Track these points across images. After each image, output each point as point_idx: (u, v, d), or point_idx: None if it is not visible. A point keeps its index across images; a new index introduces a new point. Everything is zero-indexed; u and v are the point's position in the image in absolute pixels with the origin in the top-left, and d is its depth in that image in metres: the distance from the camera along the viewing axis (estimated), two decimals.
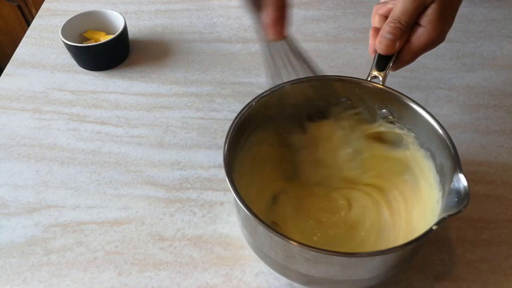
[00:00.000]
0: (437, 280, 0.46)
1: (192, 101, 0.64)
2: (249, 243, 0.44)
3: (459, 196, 0.37)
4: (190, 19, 0.78)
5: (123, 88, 0.67)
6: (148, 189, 0.54)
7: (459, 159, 0.39)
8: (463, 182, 0.37)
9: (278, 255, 0.39)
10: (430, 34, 0.45)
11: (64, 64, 0.71)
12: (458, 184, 0.38)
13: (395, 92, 0.45)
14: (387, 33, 0.45)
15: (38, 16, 0.80)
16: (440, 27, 0.45)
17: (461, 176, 0.38)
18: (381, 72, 0.47)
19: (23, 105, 0.65)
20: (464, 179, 0.37)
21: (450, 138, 0.41)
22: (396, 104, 0.46)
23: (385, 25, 0.46)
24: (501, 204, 0.51)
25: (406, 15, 0.45)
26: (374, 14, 0.50)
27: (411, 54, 0.47)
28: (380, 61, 0.47)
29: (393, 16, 0.46)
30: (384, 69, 0.47)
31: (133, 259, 0.48)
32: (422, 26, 0.45)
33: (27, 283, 0.47)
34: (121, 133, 0.60)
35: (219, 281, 0.46)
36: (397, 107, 0.46)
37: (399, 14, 0.45)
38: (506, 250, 0.48)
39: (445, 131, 0.42)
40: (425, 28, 0.45)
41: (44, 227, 0.51)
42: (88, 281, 0.47)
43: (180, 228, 0.51)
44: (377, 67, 0.47)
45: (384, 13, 0.49)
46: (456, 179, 0.38)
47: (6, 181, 0.56)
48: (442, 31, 0.46)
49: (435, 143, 0.43)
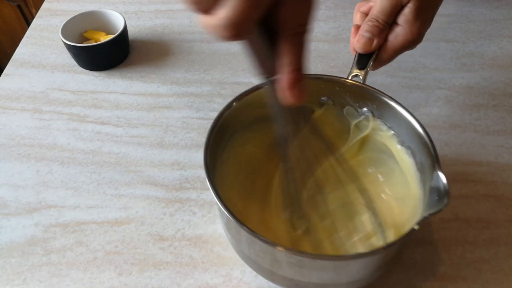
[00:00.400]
0: (437, 280, 0.46)
1: (192, 101, 0.64)
2: (233, 246, 0.44)
3: (439, 194, 0.37)
4: (190, 19, 0.78)
5: (123, 88, 0.67)
6: (148, 189, 0.54)
7: (438, 157, 0.39)
8: (443, 180, 0.37)
9: (263, 260, 0.39)
10: (407, 33, 0.45)
11: (64, 64, 0.71)
12: (438, 182, 0.38)
13: (375, 90, 0.46)
14: (365, 31, 0.46)
15: (38, 16, 0.80)
16: (416, 27, 0.45)
17: (440, 174, 0.38)
18: (362, 71, 0.47)
19: (23, 105, 0.65)
20: (444, 177, 0.37)
21: (429, 135, 0.41)
22: (376, 102, 0.46)
23: (364, 23, 0.46)
24: (501, 204, 0.51)
25: (383, 14, 0.45)
26: (356, 12, 0.50)
27: (389, 53, 0.47)
28: (360, 59, 0.47)
29: (371, 15, 0.46)
30: (365, 68, 0.47)
31: (133, 259, 0.48)
32: (400, 25, 0.46)
33: (27, 283, 0.47)
34: (121, 133, 0.60)
35: (219, 281, 0.46)
36: (377, 105, 0.46)
37: (377, 12, 0.46)
38: (506, 250, 0.48)
39: (424, 129, 0.42)
40: (402, 28, 0.45)
41: (44, 227, 0.51)
42: (88, 281, 0.47)
43: (180, 228, 0.51)
44: (357, 66, 0.47)
45: (365, 10, 0.49)
46: (436, 177, 0.38)
47: (6, 181, 0.56)
48: (419, 30, 0.46)
49: (415, 141, 0.43)
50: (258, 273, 0.44)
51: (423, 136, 0.42)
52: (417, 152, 0.43)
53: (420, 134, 0.42)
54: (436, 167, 0.38)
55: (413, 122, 0.43)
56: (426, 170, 0.41)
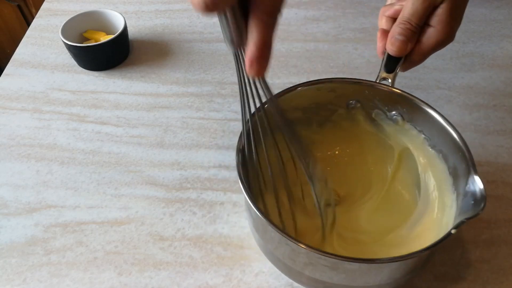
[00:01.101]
0: (437, 280, 0.46)
1: (192, 101, 0.64)
2: (260, 247, 0.44)
3: (475, 199, 0.36)
4: (190, 19, 0.78)
5: (123, 88, 0.67)
6: (148, 189, 0.54)
7: (473, 161, 0.39)
8: (479, 185, 0.37)
9: (294, 262, 0.39)
10: (440, 34, 0.45)
11: (64, 64, 0.71)
12: (474, 187, 0.37)
13: (406, 94, 0.45)
14: (398, 34, 0.45)
15: (38, 16, 0.80)
16: (450, 27, 0.45)
17: (477, 178, 0.37)
18: (390, 74, 0.47)
19: (23, 105, 0.65)
20: (480, 182, 0.37)
21: (463, 139, 0.41)
22: (406, 106, 0.46)
23: (395, 26, 0.46)
24: (501, 204, 0.51)
25: (416, 16, 0.45)
26: (381, 16, 0.50)
27: (421, 54, 0.46)
28: (389, 62, 0.47)
29: (403, 18, 0.45)
30: (393, 71, 0.47)
31: (133, 259, 0.48)
32: (432, 26, 0.45)
33: (27, 283, 0.47)
34: (121, 133, 0.60)
35: (219, 281, 0.46)
36: (408, 109, 0.46)
37: (409, 15, 0.45)
38: (506, 250, 0.48)
39: (458, 133, 0.42)
40: (435, 29, 0.45)
41: (44, 227, 0.51)
42: (88, 281, 0.47)
43: (180, 228, 0.51)
44: (386, 69, 0.47)
45: (391, 14, 0.49)
46: (472, 182, 0.37)
47: (6, 181, 0.56)
48: (452, 30, 0.45)
49: (447, 145, 0.43)
50: (284, 274, 0.44)
51: (457, 139, 0.41)
52: (449, 155, 0.43)
53: (453, 137, 0.42)
54: (472, 171, 0.38)
55: (446, 125, 0.42)
56: (459, 174, 0.41)
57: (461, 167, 0.40)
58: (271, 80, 0.67)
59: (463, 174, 0.39)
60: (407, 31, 0.45)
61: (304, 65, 0.69)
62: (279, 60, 0.70)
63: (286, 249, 0.38)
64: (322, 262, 0.36)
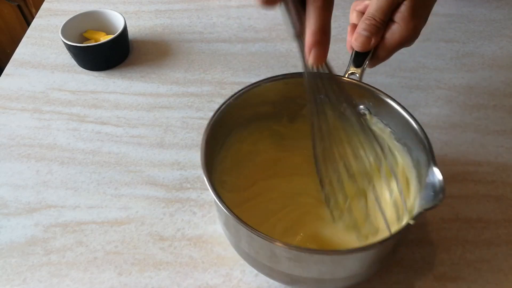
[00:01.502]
0: (437, 280, 0.46)
1: (192, 101, 0.64)
2: (231, 243, 0.44)
3: (434, 190, 0.37)
4: (190, 19, 0.78)
5: (123, 88, 0.67)
6: (148, 189, 0.54)
7: (433, 153, 0.40)
8: (438, 176, 0.37)
9: (262, 256, 0.39)
10: (403, 30, 0.45)
11: (64, 64, 0.71)
12: (433, 178, 0.38)
13: (371, 87, 0.46)
14: (362, 30, 0.46)
15: (38, 16, 0.80)
16: (413, 24, 0.45)
17: (436, 169, 0.38)
18: (358, 69, 0.47)
19: (23, 105, 0.65)
20: (439, 173, 0.37)
21: (424, 132, 0.42)
22: (372, 100, 0.46)
23: (361, 22, 0.46)
24: (501, 204, 0.51)
25: (380, 12, 0.45)
26: (352, 10, 0.50)
27: (386, 50, 0.47)
28: (357, 57, 0.48)
29: (368, 13, 0.46)
30: (361, 66, 0.47)
31: (133, 259, 0.48)
32: (396, 22, 0.46)
33: (27, 283, 0.47)
34: (121, 133, 0.60)
35: (219, 281, 0.46)
36: (374, 102, 0.47)
37: (373, 11, 0.46)
38: (506, 250, 0.48)
39: (419, 126, 0.42)
40: (398, 25, 0.45)
41: (44, 227, 0.51)
42: (88, 281, 0.47)
43: (180, 228, 0.51)
44: (354, 64, 0.48)
45: (361, 9, 0.49)
46: (431, 173, 0.38)
47: (6, 181, 0.56)
48: (415, 27, 0.46)
49: (410, 138, 0.43)
50: (257, 270, 0.44)
51: (419, 132, 0.42)
52: (413, 148, 0.44)
53: (416, 130, 0.42)
54: (431, 163, 0.39)
55: (409, 119, 0.43)
56: (422, 166, 0.41)
57: (422, 159, 0.41)
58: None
59: (425, 166, 0.40)
60: (371, 27, 0.45)
61: None
62: (279, 60, 0.70)
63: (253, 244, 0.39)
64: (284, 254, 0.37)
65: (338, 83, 0.45)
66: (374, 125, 0.48)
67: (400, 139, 0.46)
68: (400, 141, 0.46)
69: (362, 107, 0.48)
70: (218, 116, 0.44)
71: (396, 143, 0.47)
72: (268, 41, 0.73)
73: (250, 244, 0.39)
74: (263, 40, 0.73)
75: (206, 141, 0.42)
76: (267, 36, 0.74)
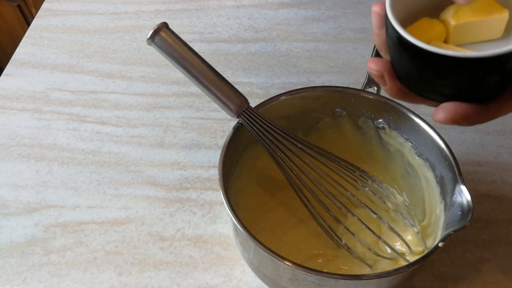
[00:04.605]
0: (437, 280, 0.46)
1: (192, 101, 0.64)
2: (246, 261, 0.44)
3: (462, 210, 0.36)
4: (190, 19, 0.78)
5: (123, 88, 0.67)
6: (148, 189, 0.54)
7: (460, 170, 0.38)
8: (466, 196, 0.36)
9: (281, 278, 0.38)
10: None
11: (64, 64, 0.71)
12: (461, 198, 0.36)
13: (391, 101, 0.45)
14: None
15: (38, 16, 0.80)
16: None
17: (463, 188, 0.37)
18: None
19: (23, 105, 0.65)
20: (467, 192, 0.36)
21: (449, 148, 0.40)
22: (392, 114, 0.45)
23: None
24: (501, 204, 0.51)
25: None
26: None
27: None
28: None
29: None
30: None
31: (133, 259, 0.48)
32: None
33: (27, 283, 0.47)
34: (121, 133, 0.61)
35: (219, 281, 0.46)
36: (394, 116, 0.45)
37: None
38: (506, 250, 0.48)
39: (444, 141, 0.41)
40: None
41: (44, 227, 0.51)
42: (88, 281, 0.47)
43: (180, 228, 0.51)
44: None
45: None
46: (458, 192, 0.37)
47: (6, 181, 0.56)
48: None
49: (433, 154, 0.42)
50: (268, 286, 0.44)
51: (443, 148, 0.41)
52: (436, 164, 0.42)
53: (440, 146, 0.41)
54: (459, 181, 0.37)
55: (432, 134, 0.42)
56: (446, 183, 0.40)
57: (447, 176, 0.40)
58: (270, 80, 0.67)
59: (450, 183, 0.39)
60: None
61: (304, 65, 0.69)
62: (278, 60, 0.70)
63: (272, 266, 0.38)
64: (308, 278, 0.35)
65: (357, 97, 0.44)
66: (394, 139, 0.47)
67: (422, 154, 0.45)
68: (421, 156, 0.45)
69: (381, 121, 0.47)
70: (233, 134, 0.43)
71: (416, 158, 0.45)
72: (268, 41, 0.73)
73: (272, 268, 0.38)
74: (263, 40, 0.73)
75: (223, 162, 0.41)
76: (267, 36, 0.74)
